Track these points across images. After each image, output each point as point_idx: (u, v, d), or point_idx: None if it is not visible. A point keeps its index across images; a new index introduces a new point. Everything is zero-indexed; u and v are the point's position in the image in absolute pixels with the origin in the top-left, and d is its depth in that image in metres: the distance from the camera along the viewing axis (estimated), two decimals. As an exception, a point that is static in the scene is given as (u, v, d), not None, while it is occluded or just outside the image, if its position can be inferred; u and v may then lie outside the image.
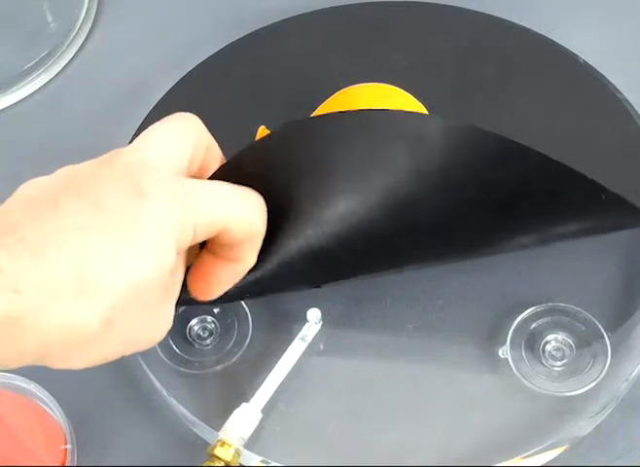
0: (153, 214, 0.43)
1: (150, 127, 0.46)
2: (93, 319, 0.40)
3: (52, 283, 0.40)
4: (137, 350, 0.44)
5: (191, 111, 0.63)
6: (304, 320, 0.55)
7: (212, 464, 0.49)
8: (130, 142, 0.60)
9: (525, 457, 0.51)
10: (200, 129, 0.47)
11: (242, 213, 0.45)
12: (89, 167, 0.44)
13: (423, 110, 0.56)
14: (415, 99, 0.56)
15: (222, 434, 0.51)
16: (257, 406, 0.52)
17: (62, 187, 0.43)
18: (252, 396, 0.52)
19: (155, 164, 0.44)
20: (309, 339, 0.54)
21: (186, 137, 0.47)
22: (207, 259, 0.46)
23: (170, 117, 0.47)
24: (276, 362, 0.53)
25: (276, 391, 0.52)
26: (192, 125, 0.47)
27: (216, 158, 0.47)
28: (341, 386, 0.54)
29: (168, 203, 0.43)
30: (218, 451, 0.50)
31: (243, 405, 0.52)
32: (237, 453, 0.50)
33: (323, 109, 0.57)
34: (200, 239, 0.44)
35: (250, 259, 0.47)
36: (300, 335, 0.54)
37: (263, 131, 0.59)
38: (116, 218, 0.42)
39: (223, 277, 0.47)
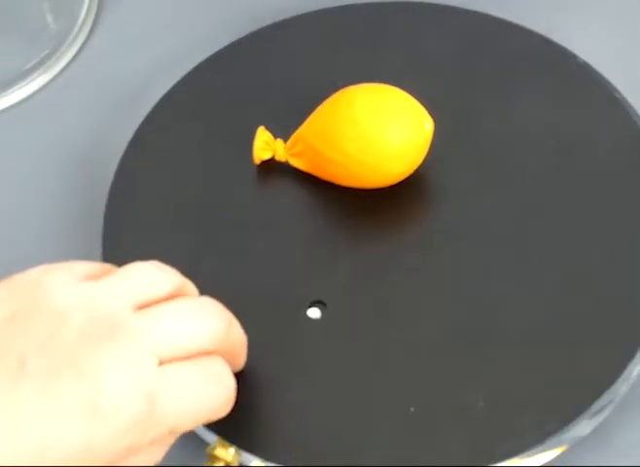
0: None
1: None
2: None
3: None
4: None
5: (191, 111, 0.63)
6: (304, 320, 0.55)
7: (212, 464, 0.49)
8: (130, 142, 0.61)
9: (525, 457, 0.51)
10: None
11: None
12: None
13: (423, 110, 0.56)
14: (415, 99, 0.56)
15: (222, 434, 0.51)
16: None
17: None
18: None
19: None
20: (309, 339, 0.54)
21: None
22: None
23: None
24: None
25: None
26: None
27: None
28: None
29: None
30: (218, 452, 0.50)
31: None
32: (237, 454, 0.50)
33: (322, 109, 0.57)
34: None
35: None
36: (300, 335, 0.54)
37: (262, 132, 0.59)
38: None
39: None
